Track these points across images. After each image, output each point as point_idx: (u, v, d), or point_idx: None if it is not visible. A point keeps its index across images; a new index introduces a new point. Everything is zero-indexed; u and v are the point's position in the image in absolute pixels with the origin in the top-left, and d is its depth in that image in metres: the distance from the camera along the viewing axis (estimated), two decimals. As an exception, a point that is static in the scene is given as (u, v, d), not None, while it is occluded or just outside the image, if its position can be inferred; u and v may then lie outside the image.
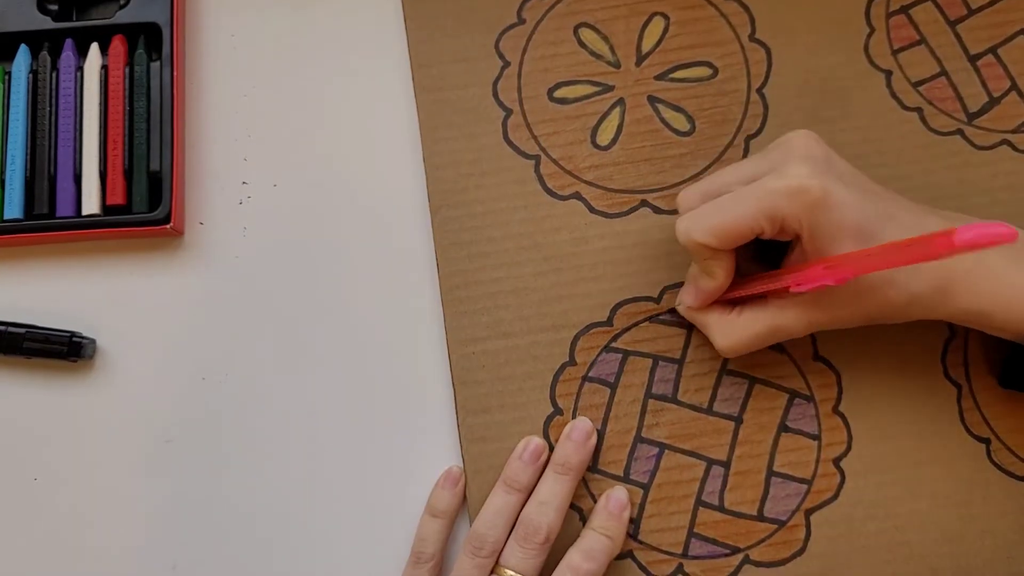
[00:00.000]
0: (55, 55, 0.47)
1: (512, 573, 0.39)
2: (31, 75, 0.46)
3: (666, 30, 0.47)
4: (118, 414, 0.44)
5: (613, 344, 0.44)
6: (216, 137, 0.47)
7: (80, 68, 0.46)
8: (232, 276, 0.46)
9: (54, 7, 0.47)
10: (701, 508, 0.42)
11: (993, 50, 0.46)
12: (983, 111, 0.45)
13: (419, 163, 0.46)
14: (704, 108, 0.46)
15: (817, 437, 0.43)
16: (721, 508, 0.42)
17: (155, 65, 0.46)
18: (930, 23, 0.46)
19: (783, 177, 0.36)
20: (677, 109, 0.46)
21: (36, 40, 0.47)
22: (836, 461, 0.42)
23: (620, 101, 0.46)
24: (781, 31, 0.47)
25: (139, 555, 0.43)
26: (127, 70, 0.46)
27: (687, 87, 0.46)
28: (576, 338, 0.44)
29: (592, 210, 0.45)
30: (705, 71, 0.46)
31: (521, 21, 0.47)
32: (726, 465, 0.42)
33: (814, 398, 0.43)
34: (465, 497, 0.43)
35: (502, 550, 0.40)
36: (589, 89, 0.46)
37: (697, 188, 0.40)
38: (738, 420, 0.43)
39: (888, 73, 0.46)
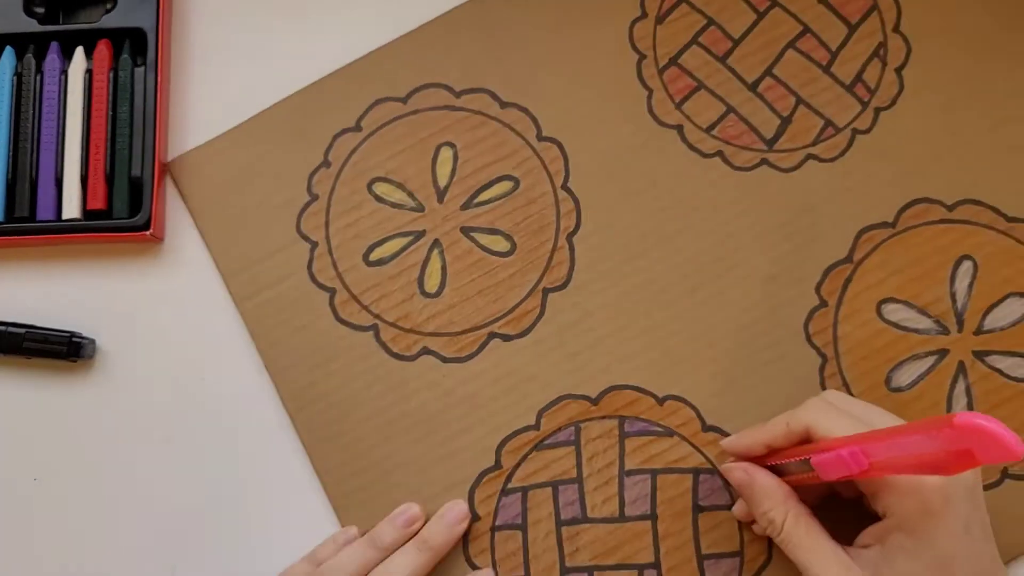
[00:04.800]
0: (40, 58, 0.47)
1: None
2: (15, 77, 0.46)
3: (456, 158, 0.46)
4: (118, 414, 0.45)
5: (509, 486, 0.43)
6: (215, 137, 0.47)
7: (65, 72, 0.46)
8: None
9: (40, 10, 0.47)
10: (648, 616, 0.42)
11: (769, 71, 0.46)
12: (779, 134, 0.46)
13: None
14: (518, 222, 0.45)
15: (731, 505, 0.42)
16: (667, 609, 0.42)
17: (140, 70, 0.46)
18: (702, 66, 0.47)
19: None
20: (492, 232, 0.45)
21: (21, 42, 0.47)
22: (758, 523, 0.42)
23: (436, 243, 0.45)
24: (566, 125, 0.46)
25: (139, 556, 0.43)
26: (111, 75, 0.46)
27: (495, 206, 0.46)
28: (472, 491, 0.43)
29: (444, 360, 0.44)
30: (507, 185, 0.46)
31: (314, 197, 0.46)
32: (657, 566, 0.42)
33: (716, 468, 0.43)
34: None
35: None
36: (402, 242, 0.46)
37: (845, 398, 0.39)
38: (653, 517, 0.42)
39: (679, 128, 0.46)
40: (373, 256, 0.45)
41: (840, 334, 0.44)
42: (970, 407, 0.43)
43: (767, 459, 0.39)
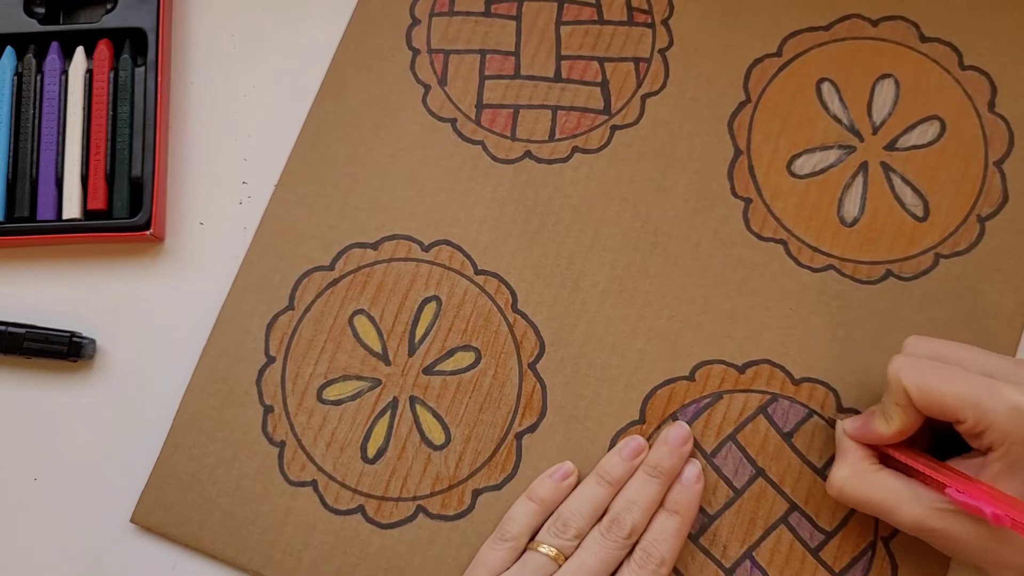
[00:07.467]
0: (40, 58, 0.47)
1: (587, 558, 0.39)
2: (16, 77, 0.46)
3: (437, 315, 0.45)
4: (118, 414, 0.45)
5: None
6: (216, 137, 0.48)
7: (65, 72, 0.47)
8: (232, 276, 0.46)
9: (41, 10, 0.47)
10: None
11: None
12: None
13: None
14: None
15: (810, 414, 0.43)
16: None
17: (140, 70, 0.47)
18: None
19: None
20: (436, 415, 0.44)
21: (22, 42, 0.47)
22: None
23: (393, 401, 0.44)
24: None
25: (139, 555, 0.44)
26: (112, 75, 0.46)
27: (451, 378, 0.44)
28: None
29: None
30: (470, 356, 0.45)
31: (273, 360, 0.45)
32: (796, 506, 0.42)
33: (778, 394, 0.43)
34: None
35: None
36: (357, 385, 0.44)
37: (931, 343, 0.39)
38: (760, 472, 0.43)
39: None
40: (327, 395, 0.44)
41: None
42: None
43: (893, 451, 0.39)
